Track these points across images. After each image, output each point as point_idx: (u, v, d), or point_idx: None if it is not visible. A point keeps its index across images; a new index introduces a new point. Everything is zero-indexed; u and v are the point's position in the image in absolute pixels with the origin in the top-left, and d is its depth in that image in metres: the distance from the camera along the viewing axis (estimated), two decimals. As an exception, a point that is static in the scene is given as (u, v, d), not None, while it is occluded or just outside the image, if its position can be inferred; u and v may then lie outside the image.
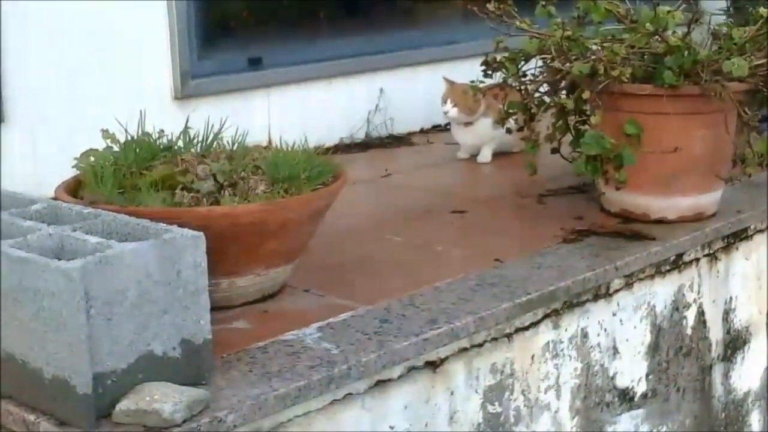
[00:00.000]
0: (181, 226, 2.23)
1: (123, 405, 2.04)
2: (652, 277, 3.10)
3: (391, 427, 2.46)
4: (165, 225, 2.23)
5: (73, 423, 2.04)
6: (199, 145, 2.86)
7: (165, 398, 2.04)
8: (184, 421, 2.04)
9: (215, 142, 2.88)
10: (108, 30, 3.80)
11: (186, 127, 2.92)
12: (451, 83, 4.15)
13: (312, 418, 2.30)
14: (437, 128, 4.77)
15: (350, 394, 2.37)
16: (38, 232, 2.22)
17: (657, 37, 3.28)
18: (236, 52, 4.27)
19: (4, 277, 2.10)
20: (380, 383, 2.42)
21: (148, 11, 3.90)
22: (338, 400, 2.35)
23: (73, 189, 2.70)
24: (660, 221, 3.25)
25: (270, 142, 3.73)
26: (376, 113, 4.62)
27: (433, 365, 2.52)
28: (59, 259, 2.05)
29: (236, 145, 2.86)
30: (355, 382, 2.35)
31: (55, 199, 2.57)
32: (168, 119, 3.48)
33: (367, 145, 4.49)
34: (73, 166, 2.78)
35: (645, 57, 3.28)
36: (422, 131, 4.78)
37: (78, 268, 1.97)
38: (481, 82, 3.61)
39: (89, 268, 2.00)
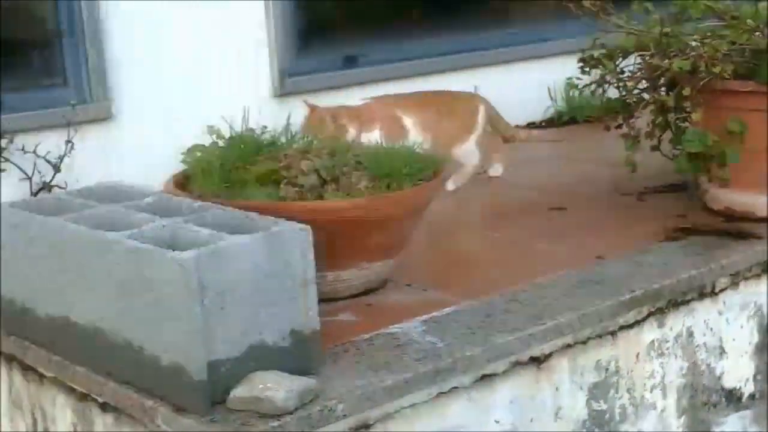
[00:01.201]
0: (286, 219, 2.27)
1: (237, 392, 2.08)
2: (758, 276, 3.04)
3: (497, 422, 2.46)
4: (273, 218, 2.27)
5: (189, 408, 2.09)
6: (301, 141, 2.91)
7: (277, 386, 2.07)
8: (295, 409, 2.07)
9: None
10: (210, 31, 3.88)
11: (288, 124, 2.97)
12: (312, 108, 3.54)
13: (418, 410, 2.32)
14: (532, 125, 4.74)
15: (456, 387, 2.38)
16: (152, 223, 2.28)
17: (758, 33, 3.22)
18: (333, 50, 4.31)
19: (121, 266, 2.16)
20: (485, 377, 2.43)
21: (248, 12, 3.98)
22: (444, 393, 2.36)
23: (182, 183, 2.76)
24: (766, 219, 3.19)
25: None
26: (468, 111, 4.60)
27: (537, 361, 2.52)
28: (173, 250, 2.11)
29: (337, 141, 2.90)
30: (460, 375, 2.36)
31: (164, 192, 2.64)
32: (267, 116, 3.54)
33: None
34: (180, 161, 2.85)
35: (746, 53, 3.23)
36: (517, 128, 4.74)
37: (192, 259, 2.02)
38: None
39: (203, 258, 2.04)
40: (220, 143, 2.84)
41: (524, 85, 4.58)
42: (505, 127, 3.94)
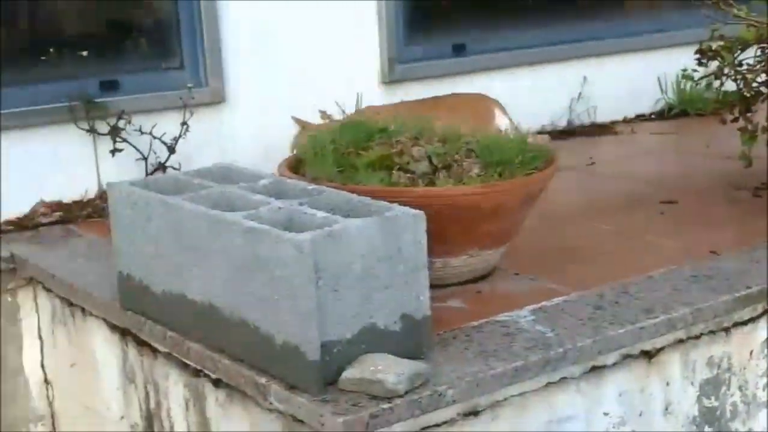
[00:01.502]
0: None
1: (348, 373, 2.10)
2: None
3: (606, 414, 2.44)
4: (386, 203, 2.28)
5: (302, 387, 2.12)
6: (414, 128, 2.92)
7: (388, 369, 2.09)
8: (406, 393, 2.09)
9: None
10: (321, 17, 3.92)
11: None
12: (303, 125, 3.47)
13: (527, 399, 2.31)
14: (641, 117, 4.68)
15: (565, 378, 2.36)
16: (268, 205, 2.31)
17: None
18: (441, 38, 4.32)
19: (237, 246, 2.20)
20: (595, 369, 2.41)
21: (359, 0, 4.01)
22: (553, 383, 2.35)
23: (295, 166, 2.79)
24: None
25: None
26: (579, 101, 4.57)
27: (648, 355, 2.49)
28: (289, 232, 2.14)
29: (448, 128, 2.90)
30: (570, 366, 2.34)
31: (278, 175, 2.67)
32: (375, 102, 3.57)
33: (569, 132, 4.46)
34: (293, 145, 2.89)
35: None
36: (625, 120, 4.70)
37: (309, 240, 2.05)
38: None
39: (319, 240, 2.07)
40: (333, 127, 2.87)
41: (635, 76, 4.52)
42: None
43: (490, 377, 2.20)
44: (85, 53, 3.38)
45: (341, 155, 2.72)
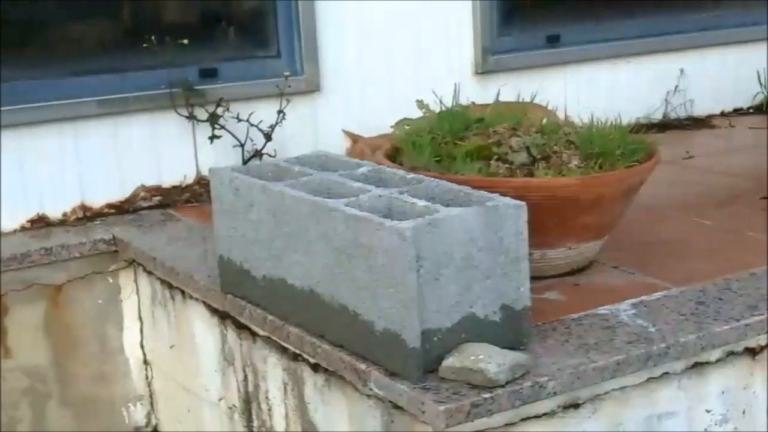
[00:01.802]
0: (498, 195, 2.28)
1: (449, 362, 2.10)
2: None
3: (708, 411, 2.41)
4: (487, 193, 2.28)
5: (402, 374, 2.13)
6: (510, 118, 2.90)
7: (489, 359, 2.09)
8: (506, 383, 2.08)
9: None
10: (414, 8, 3.92)
11: (497, 101, 2.97)
12: (355, 138, 3.60)
13: (628, 393, 2.29)
14: (739, 111, 4.58)
15: (667, 373, 2.33)
16: (368, 193, 2.32)
17: None
18: (535, 29, 4.29)
19: (339, 233, 2.21)
20: (697, 365, 2.38)
21: (453, -9, 4.01)
22: (654, 378, 2.32)
23: (391, 155, 2.80)
24: None
25: (566, 118, 3.72)
26: (675, 94, 4.50)
27: (752, 352, 2.44)
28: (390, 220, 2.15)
29: (545, 119, 2.88)
30: (672, 362, 2.31)
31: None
32: (468, 93, 3.56)
33: (664, 125, 4.39)
34: (390, 134, 2.90)
35: None
36: (723, 114, 4.61)
37: (411, 228, 2.05)
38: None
39: (420, 228, 2.07)
40: (429, 117, 2.87)
41: (733, 69, 4.43)
42: None
43: (592, 370, 2.19)
44: (185, 41, 3.43)
45: (438, 145, 2.73)
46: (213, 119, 3.51)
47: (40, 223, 3.40)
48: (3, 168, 3.32)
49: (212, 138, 3.52)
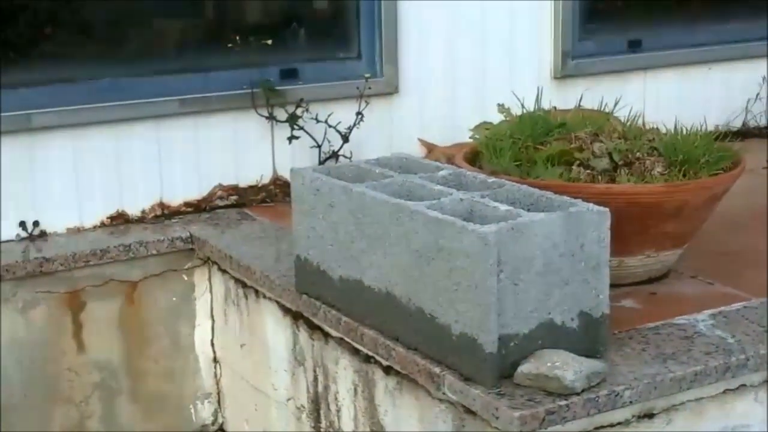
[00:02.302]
0: (579, 201, 2.26)
1: (525, 368, 2.10)
2: None
3: (784, 425, 2.37)
4: (569, 198, 2.27)
5: (477, 379, 2.13)
6: (592, 124, 2.88)
7: (566, 366, 2.07)
8: (582, 391, 2.07)
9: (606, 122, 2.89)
10: (495, 12, 3.91)
11: (579, 105, 2.95)
12: (430, 147, 3.66)
13: (704, 405, 2.26)
14: (821, 120, 4.49)
15: (744, 385, 2.30)
16: (450, 196, 2.32)
17: None
18: (616, 34, 4.25)
19: (419, 235, 2.22)
20: (775, 378, 2.34)
21: (534, -6, 3.99)
22: (731, 390, 2.29)
23: (470, 158, 2.80)
24: None
25: (644, 124, 3.68)
26: (756, 102, 4.42)
27: (832, 365, 2.39)
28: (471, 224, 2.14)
29: (628, 125, 2.86)
30: (751, 374, 2.28)
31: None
32: (546, 97, 3.53)
33: (744, 134, 4.31)
34: (470, 137, 2.90)
35: None
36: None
37: (494, 233, 2.05)
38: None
39: (503, 233, 2.07)
40: (509, 121, 2.86)
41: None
42: None
43: (669, 380, 2.17)
44: (269, 42, 3.46)
45: (519, 149, 2.72)
46: (292, 120, 3.54)
47: (119, 219, 3.46)
48: (82, 164, 3.38)
49: (291, 138, 3.55)
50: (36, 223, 3.33)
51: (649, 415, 2.22)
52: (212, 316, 3.38)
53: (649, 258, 2.62)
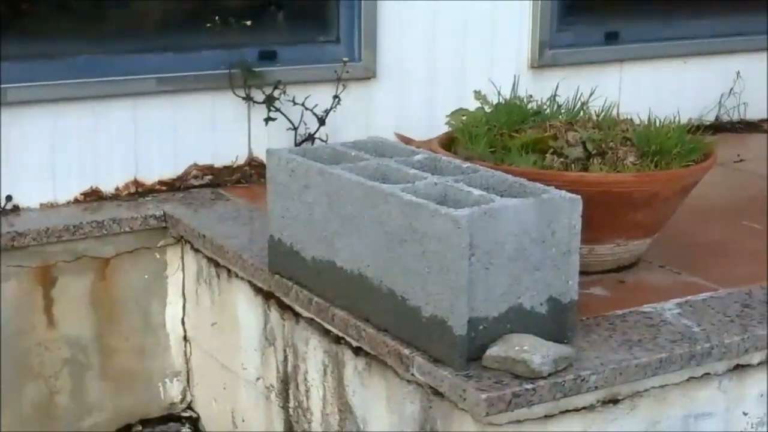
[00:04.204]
0: (551, 188, 2.29)
1: (493, 351, 2.12)
2: None
3: (745, 414, 2.41)
4: (542, 185, 2.29)
5: (446, 361, 2.15)
6: (566, 113, 2.91)
7: (534, 350, 2.10)
8: (549, 375, 2.10)
9: (581, 111, 2.92)
10: (475, 1, 3.92)
11: (554, 95, 2.97)
12: (407, 141, 3.55)
13: (667, 391, 2.30)
14: (793, 117, 4.55)
15: (708, 374, 2.34)
16: (424, 180, 2.34)
17: None
18: (594, 25, 4.27)
19: (393, 218, 2.24)
20: (739, 367, 2.38)
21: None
22: (695, 378, 2.33)
23: (446, 144, 2.82)
24: None
25: (619, 115, 3.71)
26: (729, 96, 4.47)
27: (795, 356, 2.44)
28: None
29: (602, 115, 2.89)
30: (715, 362, 2.32)
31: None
32: (523, 86, 3.56)
33: (716, 128, 4.35)
34: (446, 123, 2.92)
35: None
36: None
37: (467, 216, 2.07)
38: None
39: (475, 217, 2.09)
40: (486, 109, 2.88)
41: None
42: None
43: (634, 367, 2.20)
44: (248, 23, 3.46)
45: (494, 136, 2.74)
46: (269, 101, 3.54)
47: (93, 196, 3.46)
48: (58, 140, 3.38)
49: (267, 120, 3.56)
50: (9, 198, 3.32)
51: (614, 401, 2.25)
52: (184, 295, 3.39)
53: (619, 246, 2.66)
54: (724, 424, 2.41)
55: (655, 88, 4.29)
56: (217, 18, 3.42)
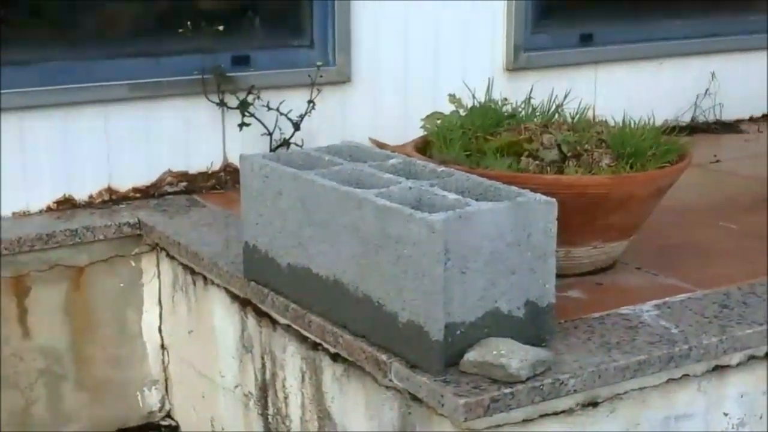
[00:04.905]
0: (526, 191, 2.28)
1: (471, 356, 2.11)
2: None
3: (725, 414, 2.41)
4: (517, 188, 2.28)
5: (423, 367, 2.13)
6: (541, 115, 2.91)
7: (511, 354, 2.09)
8: (527, 379, 2.09)
9: (556, 114, 2.92)
10: (449, 3, 3.91)
11: (529, 97, 2.97)
12: (381, 147, 3.61)
13: (647, 393, 2.29)
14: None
15: (687, 375, 2.34)
16: (398, 184, 2.33)
17: None
18: (568, 28, 4.28)
19: (368, 223, 2.22)
20: (718, 368, 2.38)
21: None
22: (674, 380, 2.32)
23: (421, 148, 2.81)
24: None
25: (594, 117, 3.71)
26: (705, 97, 4.48)
27: (773, 357, 2.44)
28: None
29: (577, 117, 2.88)
30: (694, 363, 2.31)
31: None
32: (498, 89, 3.55)
33: (692, 128, 4.35)
34: (420, 127, 2.90)
35: None
36: (752, 119, 4.59)
37: (441, 221, 2.06)
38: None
39: (450, 221, 2.07)
40: (461, 112, 2.87)
41: (762, 75, 4.40)
42: None
43: (613, 369, 2.19)
44: (221, 28, 3.44)
45: (469, 139, 2.73)
46: (243, 107, 3.52)
47: (66, 204, 3.42)
48: (30, 148, 3.34)
49: (242, 126, 3.53)
50: (-20, 207, 3.30)
51: (593, 404, 2.24)
52: (160, 303, 3.36)
53: (596, 249, 2.65)
54: (704, 425, 2.41)
55: (630, 89, 4.29)
56: (189, 23, 3.40)
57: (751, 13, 4.69)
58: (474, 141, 2.72)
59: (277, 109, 3.56)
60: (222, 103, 3.53)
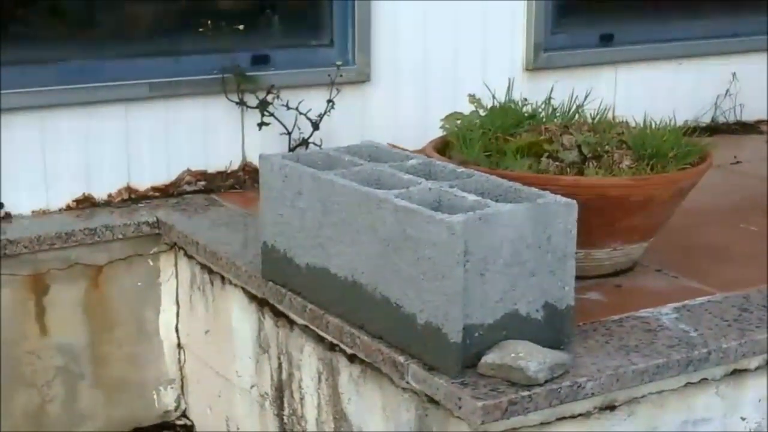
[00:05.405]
0: (547, 193, 2.27)
1: (489, 358, 2.10)
2: None
3: (743, 419, 2.39)
4: (537, 190, 2.27)
5: (441, 369, 2.13)
6: (561, 116, 2.89)
7: (530, 357, 2.08)
8: (546, 382, 2.08)
9: (576, 114, 2.90)
10: (469, 3, 3.90)
11: (549, 98, 2.95)
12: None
13: (665, 397, 2.28)
14: (789, 117, 4.53)
15: (705, 379, 2.32)
16: (418, 185, 2.32)
17: None
18: (589, 27, 4.26)
19: (387, 224, 2.21)
20: (736, 372, 2.36)
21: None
22: (693, 384, 2.31)
23: (441, 148, 2.80)
24: None
25: (614, 118, 3.70)
26: (725, 98, 4.45)
27: (793, 361, 2.42)
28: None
29: (597, 118, 2.86)
30: (713, 367, 2.30)
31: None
32: (517, 89, 3.54)
33: (713, 129, 4.34)
34: (440, 127, 2.90)
35: None
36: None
37: (461, 222, 2.05)
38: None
39: (470, 223, 2.07)
40: (481, 112, 2.86)
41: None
42: None
43: (631, 373, 2.18)
44: (241, 27, 3.44)
45: (489, 140, 2.72)
46: (263, 106, 3.52)
47: (85, 203, 3.43)
48: (49, 146, 3.35)
49: (261, 125, 3.53)
50: (0, 205, 3.30)
51: (611, 407, 2.23)
52: (177, 302, 3.36)
53: (616, 251, 2.63)
54: (722, 429, 2.39)
55: (650, 90, 4.27)
56: (209, 22, 3.40)
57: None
58: (494, 141, 2.71)
59: (297, 109, 3.55)
60: (241, 103, 3.54)
